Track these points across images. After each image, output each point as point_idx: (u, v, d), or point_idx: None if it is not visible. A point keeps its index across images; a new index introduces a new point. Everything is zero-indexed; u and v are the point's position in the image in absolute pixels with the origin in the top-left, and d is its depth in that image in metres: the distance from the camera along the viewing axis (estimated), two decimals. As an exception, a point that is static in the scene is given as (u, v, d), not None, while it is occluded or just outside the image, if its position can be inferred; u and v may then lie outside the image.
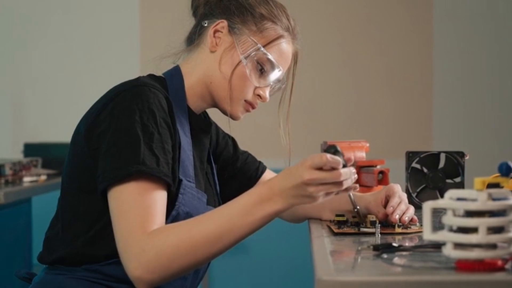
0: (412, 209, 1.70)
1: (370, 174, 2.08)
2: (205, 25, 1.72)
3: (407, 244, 1.49)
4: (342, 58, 4.44)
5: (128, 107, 1.54)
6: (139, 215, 1.47)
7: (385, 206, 1.71)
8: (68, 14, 4.46)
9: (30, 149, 3.45)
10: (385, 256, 1.34)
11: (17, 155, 3.58)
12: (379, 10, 4.46)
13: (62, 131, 4.11)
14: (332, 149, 1.43)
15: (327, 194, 1.45)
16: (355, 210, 1.64)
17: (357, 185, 1.49)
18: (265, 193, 1.46)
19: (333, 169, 1.41)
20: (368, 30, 4.46)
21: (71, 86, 4.45)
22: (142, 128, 1.52)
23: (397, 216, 1.65)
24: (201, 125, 1.76)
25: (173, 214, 1.59)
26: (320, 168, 1.41)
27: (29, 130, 4.37)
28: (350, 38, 4.45)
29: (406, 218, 1.66)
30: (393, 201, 1.69)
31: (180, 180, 1.61)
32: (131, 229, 1.47)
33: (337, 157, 1.41)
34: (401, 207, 1.68)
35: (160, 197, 1.51)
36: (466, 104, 4.47)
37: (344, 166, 1.42)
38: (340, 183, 1.43)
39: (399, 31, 4.46)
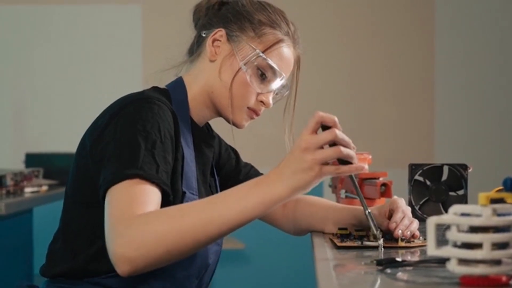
0: (416, 223, 1.69)
1: (373, 186, 2.07)
2: (204, 35, 1.72)
3: (410, 259, 1.48)
4: (344, 70, 4.44)
5: (132, 119, 1.53)
6: (129, 202, 1.41)
7: (389, 219, 1.70)
8: (70, 25, 4.46)
9: (32, 159, 3.45)
10: (388, 271, 1.33)
11: (19, 165, 3.58)
12: (381, 22, 4.46)
13: (63, 141, 4.12)
14: None
15: (326, 167, 1.35)
16: (366, 214, 1.53)
17: (364, 166, 1.39)
18: (261, 178, 1.40)
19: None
20: (370, 42, 4.46)
21: (72, 97, 4.45)
22: (145, 136, 1.50)
23: (400, 232, 1.64)
24: (204, 137, 1.75)
25: None
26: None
27: (30, 140, 4.38)
28: (352, 50, 4.45)
29: (408, 233, 1.64)
30: (396, 216, 1.67)
31: (184, 193, 1.60)
32: (118, 213, 1.40)
33: (331, 115, 1.37)
34: (404, 222, 1.66)
35: (153, 193, 1.45)
36: (468, 116, 4.47)
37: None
38: (338, 148, 1.35)
39: (401, 42, 4.46)
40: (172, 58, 1.78)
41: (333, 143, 1.37)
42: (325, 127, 1.38)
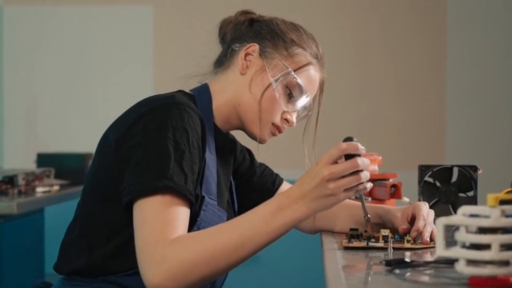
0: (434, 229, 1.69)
1: (383, 188, 2.08)
2: (236, 48, 1.75)
3: (419, 259, 1.49)
4: (354, 70, 4.44)
5: (162, 123, 1.54)
6: (161, 225, 1.46)
7: (410, 222, 1.71)
8: (82, 25, 4.48)
9: (43, 159, 3.46)
10: (397, 271, 1.34)
11: (30, 165, 3.60)
12: (392, 21, 4.46)
13: (75, 142, 4.14)
14: (348, 140, 1.49)
15: (347, 191, 1.47)
16: (365, 218, 1.65)
17: (371, 184, 1.51)
18: (284, 201, 1.48)
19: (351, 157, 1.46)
20: (380, 42, 4.46)
21: (84, 97, 4.47)
22: (174, 145, 1.52)
23: (428, 239, 1.63)
24: (227, 143, 1.78)
25: (194, 230, 1.58)
26: (336, 163, 1.46)
27: (42, 140, 4.40)
28: (362, 49, 4.45)
29: (428, 240, 1.65)
30: (418, 224, 1.66)
31: (203, 197, 1.61)
32: (152, 237, 1.45)
33: (353, 143, 1.47)
34: (428, 229, 1.66)
35: (183, 212, 1.50)
36: (480, 118, 4.46)
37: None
38: (358, 175, 1.46)
39: (412, 43, 4.46)
40: (198, 65, 1.80)
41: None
42: (348, 155, 1.48)
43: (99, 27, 4.48)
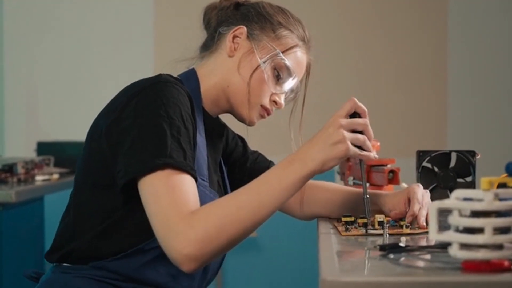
0: None
1: (381, 173, 2.07)
2: (223, 32, 1.75)
3: (413, 244, 1.48)
4: (353, 54, 4.42)
5: (153, 102, 1.53)
6: (177, 197, 1.45)
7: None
8: (82, 14, 4.47)
9: (43, 148, 3.46)
10: (391, 256, 1.33)
11: (30, 153, 3.60)
12: (392, 6, 4.44)
13: (75, 130, 4.12)
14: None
15: (353, 147, 1.51)
16: (365, 198, 1.64)
17: (376, 155, 1.56)
18: (294, 156, 1.51)
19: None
20: (380, 26, 4.44)
21: (84, 86, 4.46)
22: (169, 122, 1.51)
23: (424, 223, 1.64)
24: (216, 127, 1.78)
25: None
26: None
27: (42, 128, 4.39)
28: (361, 34, 4.44)
29: (424, 224, 1.65)
30: (413, 208, 1.67)
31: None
32: (171, 210, 1.44)
33: (363, 106, 1.56)
34: (422, 212, 1.66)
35: (190, 183, 1.50)
36: (481, 103, 4.45)
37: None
38: (365, 136, 1.53)
39: (413, 27, 4.44)
40: (186, 48, 1.80)
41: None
42: (353, 114, 1.55)
43: (100, 14, 4.47)
